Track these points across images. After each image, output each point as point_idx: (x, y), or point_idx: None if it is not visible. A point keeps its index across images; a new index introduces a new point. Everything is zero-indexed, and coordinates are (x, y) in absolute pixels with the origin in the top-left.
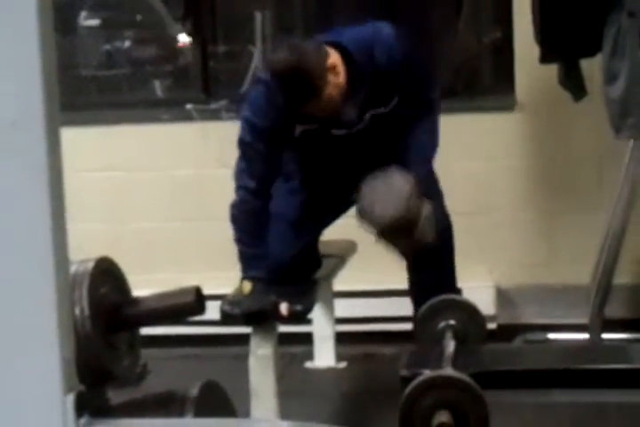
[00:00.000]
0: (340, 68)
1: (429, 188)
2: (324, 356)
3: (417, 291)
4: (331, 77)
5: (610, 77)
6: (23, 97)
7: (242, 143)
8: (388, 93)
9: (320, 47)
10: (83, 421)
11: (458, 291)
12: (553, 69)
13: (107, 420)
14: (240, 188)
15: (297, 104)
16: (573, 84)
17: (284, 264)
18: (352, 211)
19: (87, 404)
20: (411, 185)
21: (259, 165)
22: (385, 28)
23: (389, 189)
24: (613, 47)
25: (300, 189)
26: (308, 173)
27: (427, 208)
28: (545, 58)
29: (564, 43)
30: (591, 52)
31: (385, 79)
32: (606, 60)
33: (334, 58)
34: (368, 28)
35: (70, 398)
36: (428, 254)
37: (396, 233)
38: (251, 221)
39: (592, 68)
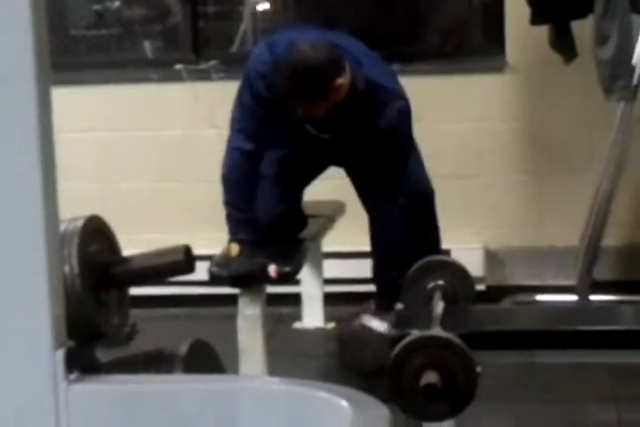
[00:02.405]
0: (344, 92)
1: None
2: (313, 316)
3: (402, 256)
4: (331, 94)
5: (600, 39)
6: (14, 52)
7: (241, 104)
8: (357, 136)
9: (342, 61)
10: (72, 376)
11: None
12: (543, 31)
13: (96, 375)
14: (235, 149)
15: (286, 99)
16: (564, 45)
17: (270, 224)
18: (340, 172)
19: (77, 360)
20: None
21: (256, 127)
22: (404, 103)
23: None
24: (604, 9)
25: (281, 145)
26: (295, 147)
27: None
28: (535, 19)
29: (555, 4)
30: (582, 14)
31: (363, 131)
32: (597, 21)
33: (346, 79)
34: (395, 81)
35: (60, 353)
36: (412, 220)
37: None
38: (242, 184)
39: (582, 29)
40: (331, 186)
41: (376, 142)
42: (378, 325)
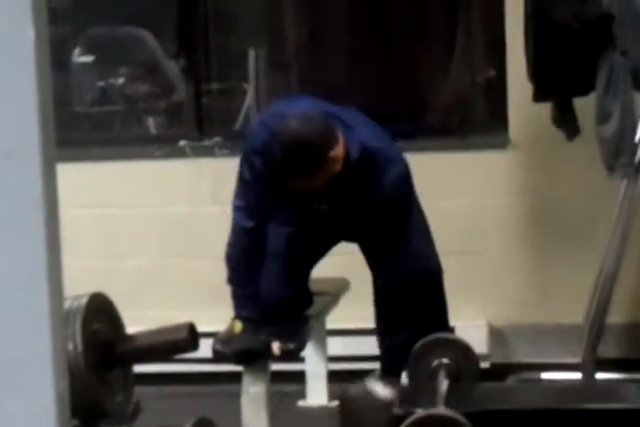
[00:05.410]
0: (339, 163)
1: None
2: (317, 394)
3: (410, 334)
4: (327, 167)
5: (602, 117)
6: (19, 128)
7: (242, 181)
8: (357, 204)
9: (335, 132)
10: None
11: (450, 330)
12: (546, 108)
13: None
14: (236, 227)
15: (282, 175)
16: (566, 122)
17: (276, 304)
18: (345, 248)
19: None
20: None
21: (257, 204)
22: (402, 167)
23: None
24: (606, 86)
25: (285, 221)
26: (299, 223)
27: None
28: (538, 96)
29: (557, 81)
30: (584, 91)
31: (363, 199)
32: (599, 99)
33: (340, 150)
34: (390, 144)
35: None
36: (422, 299)
37: None
38: (245, 261)
39: (585, 106)
40: (335, 262)
41: (377, 209)
42: (382, 390)
